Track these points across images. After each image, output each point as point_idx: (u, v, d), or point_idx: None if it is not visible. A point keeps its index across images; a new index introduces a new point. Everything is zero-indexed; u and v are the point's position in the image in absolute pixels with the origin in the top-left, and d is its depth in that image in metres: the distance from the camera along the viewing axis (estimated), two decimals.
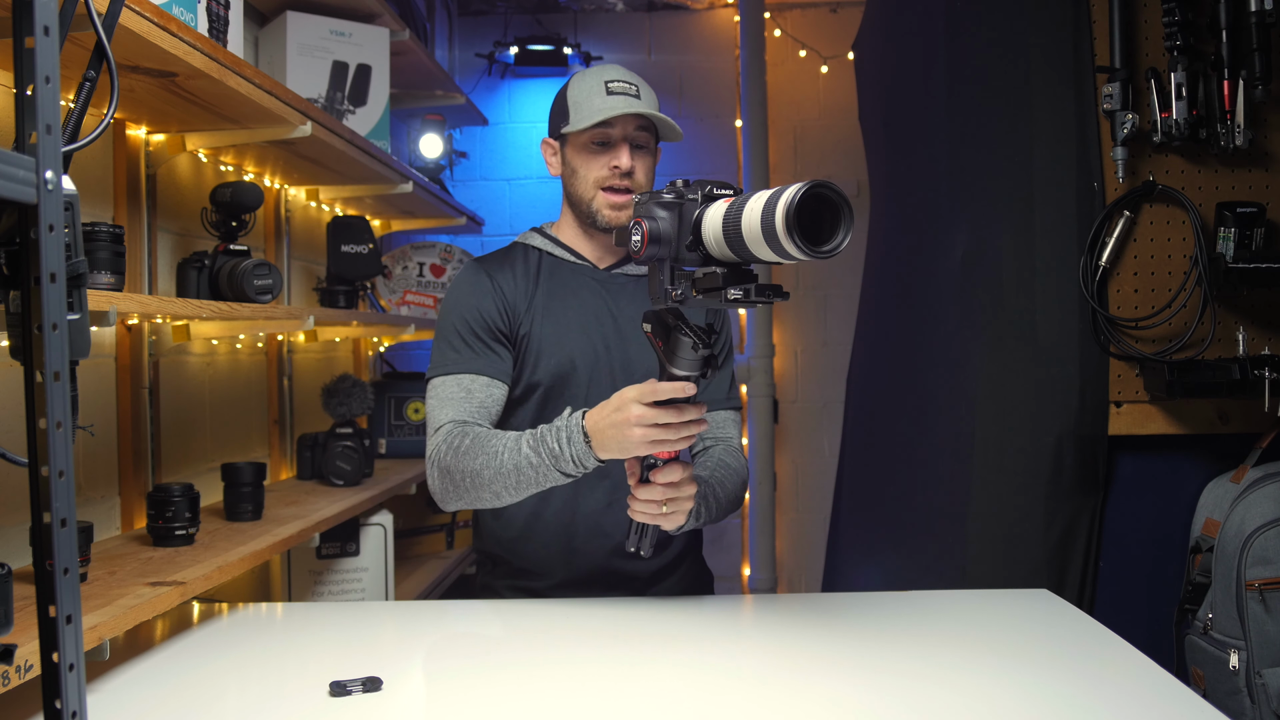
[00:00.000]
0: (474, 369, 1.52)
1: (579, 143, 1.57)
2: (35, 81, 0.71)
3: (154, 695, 1.18)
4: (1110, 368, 2.03)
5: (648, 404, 1.26)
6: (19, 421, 1.42)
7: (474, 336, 1.54)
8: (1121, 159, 1.98)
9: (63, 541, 0.72)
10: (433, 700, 1.18)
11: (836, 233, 1.03)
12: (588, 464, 1.34)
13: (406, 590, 2.57)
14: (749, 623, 1.47)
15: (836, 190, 1.03)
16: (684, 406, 1.27)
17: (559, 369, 1.55)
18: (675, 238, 1.20)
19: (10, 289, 0.75)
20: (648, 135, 1.57)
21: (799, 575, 3.88)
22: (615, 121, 1.53)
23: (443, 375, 1.53)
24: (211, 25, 1.64)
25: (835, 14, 3.89)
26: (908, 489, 2.46)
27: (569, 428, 1.34)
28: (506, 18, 3.89)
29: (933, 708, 1.11)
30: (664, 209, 1.20)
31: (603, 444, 1.31)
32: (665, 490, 1.32)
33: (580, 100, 1.55)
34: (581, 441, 1.32)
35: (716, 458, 1.60)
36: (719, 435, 1.66)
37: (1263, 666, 1.78)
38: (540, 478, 1.38)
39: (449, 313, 1.57)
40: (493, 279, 1.57)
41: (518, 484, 1.39)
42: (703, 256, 1.19)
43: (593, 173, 1.56)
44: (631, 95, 1.53)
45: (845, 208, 1.03)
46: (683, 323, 1.25)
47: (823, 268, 3.87)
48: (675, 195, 1.20)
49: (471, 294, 1.56)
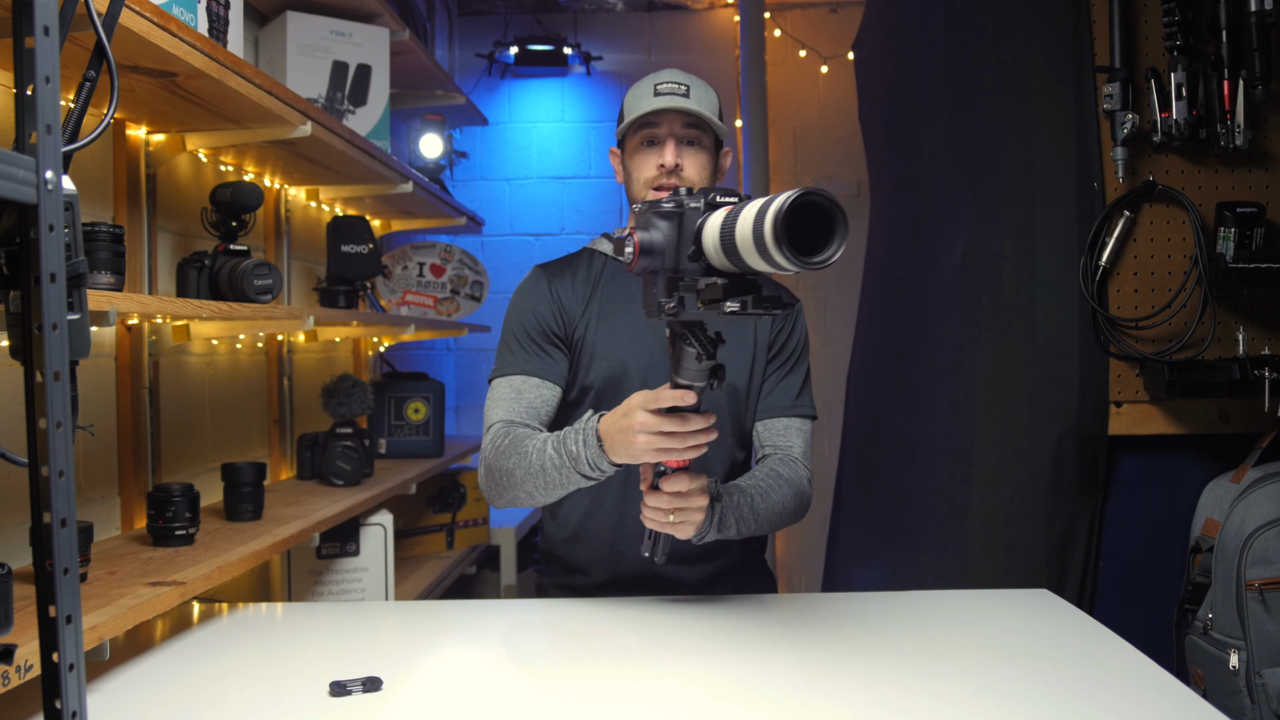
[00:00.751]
0: (526, 370, 1.54)
1: (631, 146, 1.58)
2: (35, 81, 0.71)
3: (154, 695, 1.18)
4: (1110, 368, 2.03)
5: (651, 411, 1.24)
6: (19, 421, 1.42)
7: (529, 340, 1.56)
8: (1121, 159, 1.98)
9: (63, 541, 0.72)
10: (433, 700, 1.18)
11: (830, 243, 0.99)
12: (602, 466, 1.33)
13: (406, 590, 2.57)
14: (749, 623, 1.47)
15: (829, 198, 0.98)
16: (689, 416, 1.24)
17: (611, 372, 1.56)
18: (675, 248, 1.16)
19: (10, 289, 0.75)
20: (698, 132, 1.54)
21: (799, 575, 3.88)
22: (661, 121, 1.53)
23: (499, 377, 1.56)
24: (211, 25, 1.64)
25: (835, 14, 3.89)
26: (908, 489, 2.46)
27: (585, 430, 1.34)
28: (506, 18, 3.89)
29: (933, 708, 1.11)
30: (663, 219, 1.16)
31: (613, 448, 1.30)
32: (671, 499, 1.31)
33: (631, 104, 1.56)
34: (595, 445, 1.32)
35: (768, 467, 1.56)
36: (778, 443, 1.61)
37: (1263, 666, 1.78)
38: (564, 479, 1.37)
39: (509, 317, 1.60)
40: (551, 284, 1.59)
41: (545, 484, 1.39)
42: (705, 267, 1.14)
43: (644, 173, 1.55)
44: (679, 95, 1.52)
45: (840, 216, 0.99)
46: (689, 332, 1.22)
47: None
48: (675, 204, 1.16)
49: (529, 299, 1.59)
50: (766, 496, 1.49)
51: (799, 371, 1.64)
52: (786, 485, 1.53)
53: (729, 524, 1.42)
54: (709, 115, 1.53)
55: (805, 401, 1.64)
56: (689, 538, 1.37)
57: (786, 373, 1.63)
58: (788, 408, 1.62)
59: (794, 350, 1.64)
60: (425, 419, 2.82)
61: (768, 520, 1.49)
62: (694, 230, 1.14)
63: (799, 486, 1.55)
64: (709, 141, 1.57)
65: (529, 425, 1.52)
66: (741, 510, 1.45)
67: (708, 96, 1.56)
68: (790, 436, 1.61)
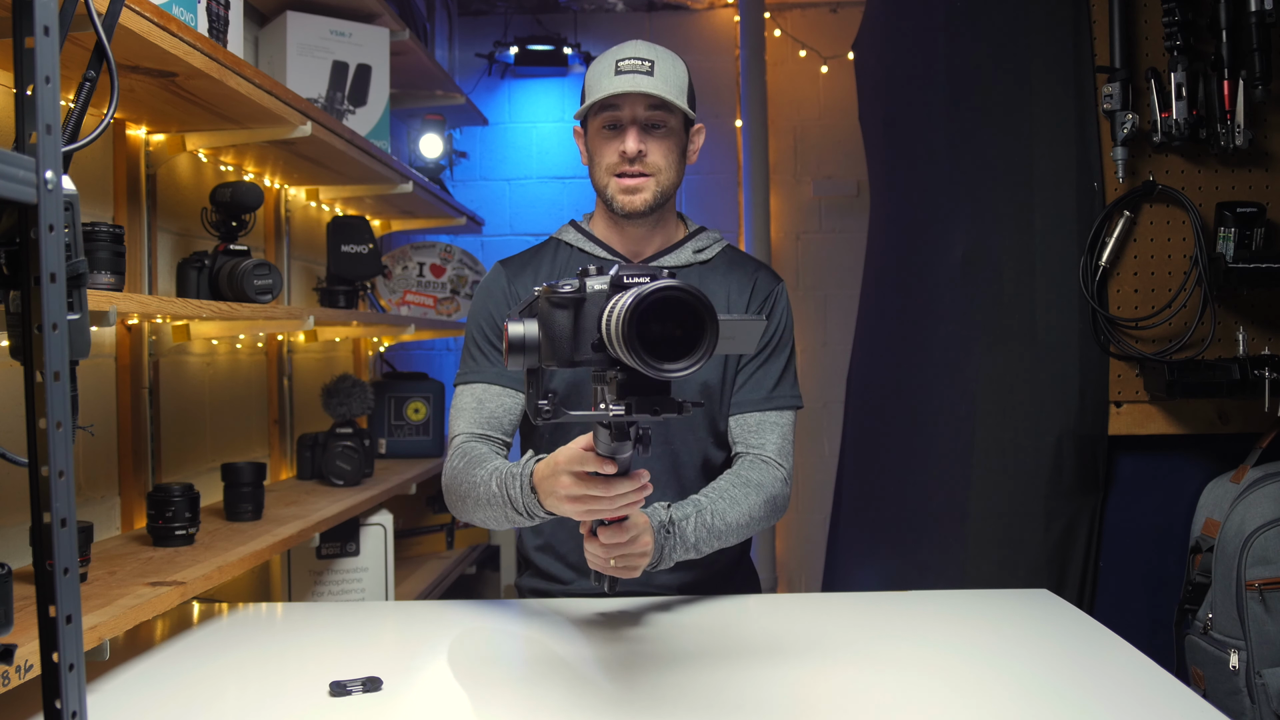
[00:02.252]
0: (487, 378, 1.49)
1: (593, 128, 1.49)
2: (35, 81, 0.71)
3: (154, 695, 1.18)
4: (1110, 368, 2.03)
5: (575, 474, 1.13)
6: (19, 421, 1.42)
7: (489, 344, 1.50)
8: (1121, 159, 1.98)
9: (63, 541, 0.72)
10: (433, 700, 1.18)
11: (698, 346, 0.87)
12: (538, 514, 1.26)
13: (406, 590, 2.57)
14: (749, 622, 1.46)
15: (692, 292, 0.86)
16: (612, 481, 1.11)
17: (573, 377, 1.49)
18: (571, 338, 0.99)
19: (10, 289, 0.75)
20: (664, 114, 1.45)
21: (799, 575, 3.88)
22: (623, 103, 1.44)
23: (461, 384, 1.51)
24: (211, 25, 1.64)
25: (835, 14, 3.89)
26: (908, 489, 2.46)
27: (521, 476, 1.27)
28: (506, 18, 3.89)
29: (933, 708, 1.11)
30: (560, 308, 0.99)
31: (545, 500, 1.22)
32: (606, 550, 1.24)
33: (592, 82, 1.48)
34: (530, 493, 1.25)
35: (735, 473, 1.47)
36: (750, 442, 1.52)
37: (1263, 666, 1.78)
38: (508, 516, 1.32)
39: (470, 320, 1.55)
40: (510, 284, 1.53)
41: (494, 517, 1.35)
42: (609, 359, 0.96)
43: (606, 159, 1.48)
44: (642, 73, 1.42)
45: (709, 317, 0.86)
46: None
47: (823, 268, 3.87)
48: (575, 289, 0.99)
49: (488, 300, 1.53)
50: (730, 510, 1.41)
51: (777, 360, 1.54)
52: (755, 492, 1.45)
53: (684, 550, 1.36)
54: (673, 98, 1.43)
55: (784, 392, 1.54)
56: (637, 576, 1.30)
57: (762, 363, 1.53)
58: (761, 401, 1.52)
59: (772, 338, 1.54)
60: (425, 419, 2.82)
61: (733, 534, 1.42)
62: (597, 316, 0.97)
63: (770, 491, 1.47)
64: (677, 122, 1.48)
65: (490, 437, 1.47)
66: (699, 533, 1.37)
67: (674, 72, 1.46)
68: (764, 433, 1.52)
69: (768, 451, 1.51)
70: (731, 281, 1.55)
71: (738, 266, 1.57)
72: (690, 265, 1.55)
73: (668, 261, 1.54)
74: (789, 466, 1.52)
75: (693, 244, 1.57)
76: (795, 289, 3.88)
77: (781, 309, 1.57)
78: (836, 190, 3.88)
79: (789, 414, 1.54)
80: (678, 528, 1.35)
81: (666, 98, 1.42)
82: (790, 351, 1.57)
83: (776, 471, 1.50)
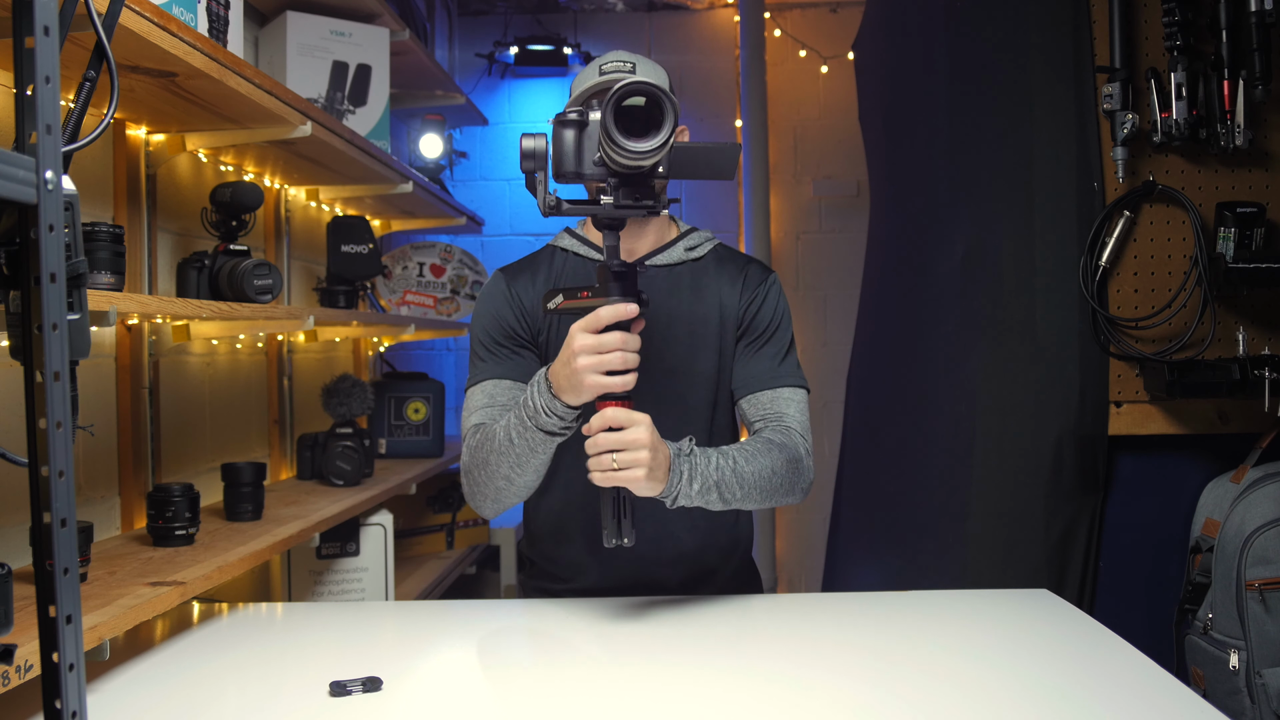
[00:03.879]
0: (497, 374, 1.51)
1: None
2: (35, 81, 0.71)
3: (154, 695, 1.18)
4: (1110, 368, 2.03)
5: (585, 329, 1.25)
6: (19, 421, 1.42)
7: (496, 345, 1.53)
8: (1121, 159, 1.98)
9: (63, 541, 0.72)
10: (433, 700, 1.18)
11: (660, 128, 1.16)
12: (556, 410, 1.29)
13: (406, 590, 2.57)
14: (749, 622, 1.46)
15: (657, 87, 1.16)
16: (627, 335, 1.25)
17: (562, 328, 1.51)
18: (576, 154, 1.26)
19: (10, 289, 0.75)
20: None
21: (799, 575, 3.88)
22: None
23: (471, 387, 1.52)
24: (211, 25, 1.64)
25: (835, 14, 3.89)
26: (908, 489, 2.46)
27: (537, 379, 1.32)
28: (506, 18, 3.90)
29: (933, 708, 1.11)
30: (566, 127, 1.26)
31: (561, 386, 1.28)
32: (610, 438, 1.25)
33: (576, 87, 1.53)
34: (547, 390, 1.30)
35: (758, 435, 1.47)
36: (767, 413, 1.50)
37: (1263, 666, 1.78)
38: (530, 442, 1.34)
39: (474, 326, 1.56)
40: (510, 286, 1.55)
41: (516, 458, 1.36)
42: (608, 171, 1.25)
43: None
44: (624, 72, 1.48)
45: (667, 100, 1.16)
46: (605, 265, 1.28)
47: (823, 268, 3.87)
48: (579, 115, 1.25)
49: (491, 304, 1.56)
50: (754, 459, 1.38)
51: (776, 344, 1.54)
52: (779, 450, 1.42)
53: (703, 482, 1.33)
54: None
55: (789, 371, 1.53)
56: (652, 492, 1.29)
57: (760, 347, 1.54)
58: (769, 378, 1.51)
59: (767, 324, 1.54)
60: (425, 419, 2.82)
61: (756, 486, 1.38)
62: (596, 137, 1.23)
63: (794, 453, 1.44)
64: None
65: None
66: (722, 471, 1.35)
67: (654, 74, 1.51)
68: (779, 405, 1.50)
69: (787, 421, 1.49)
70: (723, 276, 1.56)
71: (728, 262, 1.59)
72: (682, 263, 1.56)
73: (659, 260, 1.55)
74: (810, 441, 1.50)
75: (684, 243, 1.58)
76: (795, 289, 3.88)
77: (774, 299, 1.57)
78: (836, 190, 3.88)
79: (801, 392, 1.53)
80: (698, 455, 1.35)
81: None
82: (791, 337, 1.57)
83: (799, 440, 1.47)
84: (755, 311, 1.55)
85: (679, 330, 1.52)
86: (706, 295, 1.54)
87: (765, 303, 1.56)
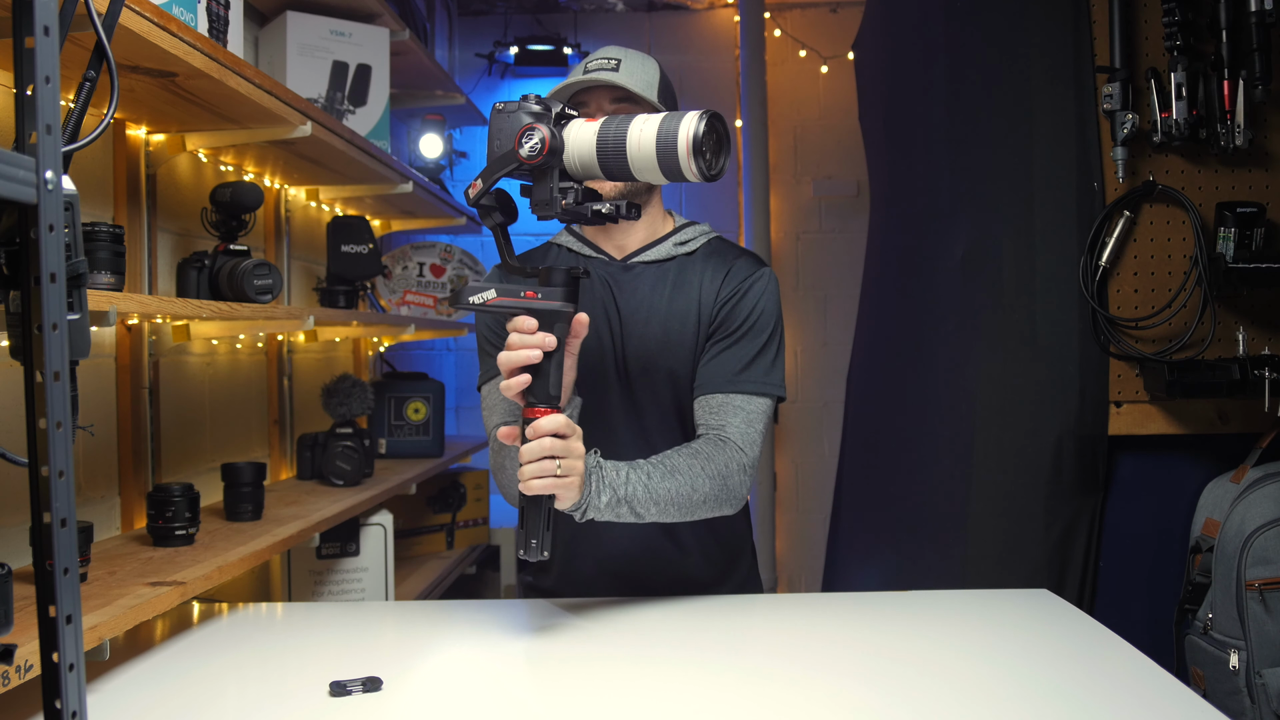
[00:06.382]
0: None
1: None
2: (35, 81, 0.71)
3: (154, 695, 1.18)
4: (1110, 368, 2.03)
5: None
6: (19, 421, 1.42)
7: (500, 339, 1.50)
8: (1121, 159, 1.98)
9: (63, 541, 0.72)
10: (433, 700, 1.18)
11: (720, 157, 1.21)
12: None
13: (406, 590, 2.57)
14: (749, 622, 1.46)
15: (724, 124, 1.21)
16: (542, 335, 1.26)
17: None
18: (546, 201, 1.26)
19: (10, 289, 0.76)
20: (630, 106, 1.45)
21: (799, 575, 3.88)
22: (589, 99, 1.46)
23: (483, 384, 1.53)
24: (211, 25, 1.64)
25: (835, 14, 3.89)
26: (908, 489, 2.46)
27: None
28: (506, 18, 3.90)
29: (933, 708, 1.11)
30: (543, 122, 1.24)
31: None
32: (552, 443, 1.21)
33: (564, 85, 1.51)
34: None
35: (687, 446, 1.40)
36: (710, 424, 1.43)
37: (1263, 666, 1.78)
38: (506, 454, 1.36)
39: (478, 322, 1.57)
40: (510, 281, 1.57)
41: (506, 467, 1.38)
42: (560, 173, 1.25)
43: None
44: (608, 70, 1.44)
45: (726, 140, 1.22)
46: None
47: (823, 268, 3.87)
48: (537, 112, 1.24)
49: None
50: (671, 475, 1.33)
51: (749, 344, 1.46)
52: (704, 465, 1.36)
53: (612, 494, 1.30)
54: (638, 90, 1.43)
55: (755, 377, 1.44)
56: (569, 505, 1.26)
57: (731, 344, 1.46)
58: (724, 382, 1.43)
59: (743, 322, 1.47)
60: (425, 419, 2.82)
61: (673, 503, 1.33)
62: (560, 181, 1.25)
63: (722, 469, 1.37)
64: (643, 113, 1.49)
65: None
66: (632, 486, 1.31)
67: (642, 69, 1.47)
68: (725, 414, 1.42)
69: (727, 432, 1.41)
70: (707, 269, 1.51)
71: (717, 255, 1.54)
72: (671, 258, 1.53)
73: (649, 256, 1.53)
74: (752, 455, 1.42)
75: (675, 237, 1.56)
76: (795, 289, 3.88)
77: (756, 296, 1.49)
78: (836, 190, 3.88)
79: (760, 401, 1.44)
80: (606, 467, 1.31)
81: (630, 88, 1.43)
82: (770, 338, 1.49)
83: (734, 454, 1.40)
84: (731, 307, 1.48)
85: (654, 329, 1.48)
86: (687, 290, 1.50)
87: (744, 299, 1.48)
